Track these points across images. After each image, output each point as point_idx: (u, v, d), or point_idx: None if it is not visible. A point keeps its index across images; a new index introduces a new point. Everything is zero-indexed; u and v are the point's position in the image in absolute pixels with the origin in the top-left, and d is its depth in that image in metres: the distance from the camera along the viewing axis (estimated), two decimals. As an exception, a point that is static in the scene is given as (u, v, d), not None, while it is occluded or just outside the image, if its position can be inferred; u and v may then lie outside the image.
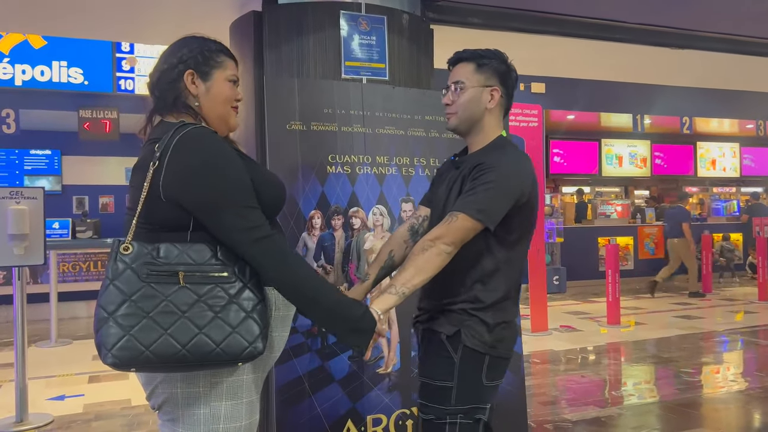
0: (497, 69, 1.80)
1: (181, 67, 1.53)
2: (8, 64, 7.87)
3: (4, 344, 6.35)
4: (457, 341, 1.72)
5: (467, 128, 1.82)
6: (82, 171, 9.75)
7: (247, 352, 1.41)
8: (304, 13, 2.84)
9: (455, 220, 1.65)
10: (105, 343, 1.34)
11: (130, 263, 1.38)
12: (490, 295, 1.74)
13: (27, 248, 4.02)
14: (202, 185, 1.41)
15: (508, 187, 1.69)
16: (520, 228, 1.76)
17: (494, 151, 1.77)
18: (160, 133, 1.48)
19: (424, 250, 1.64)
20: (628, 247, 10.76)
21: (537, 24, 3.75)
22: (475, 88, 1.78)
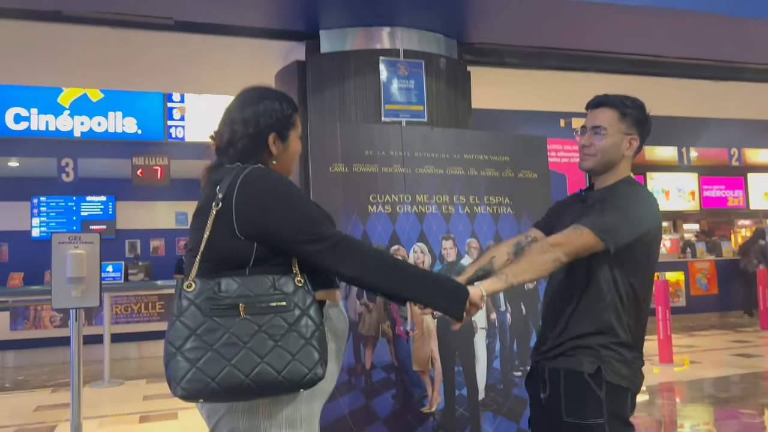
0: (638, 118, 1.86)
1: (266, 131, 1.62)
2: (68, 117, 8.34)
3: (60, 385, 6.55)
4: (599, 378, 1.74)
5: (601, 171, 1.88)
6: (135, 216, 10.14)
7: (308, 379, 1.47)
8: (345, 60, 2.97)
9: (579, 233, 1.69)
10: (175, 377, 1.42)
11: (194, 299, 1.46)
12: (625, 328, 1.76)
13: (84, 291, 4.19)
14: (279, 211, 1.51)
15: (636, 216, 1.75)
16: (644, 261, 1.80)
17: (624, 186, 1.84)
18: (220, 176, 1.57)
19: (543, 252, 1.70)
20: (678, 282, 10.44)
21: (573, 62, 3.80)
22: (617, 135, 1.84)
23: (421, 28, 3.05)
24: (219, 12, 2.86)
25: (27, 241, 9.60)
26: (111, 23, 2.88)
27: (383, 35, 2.99)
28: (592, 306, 1.77)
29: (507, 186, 2.97)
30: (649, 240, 1.77)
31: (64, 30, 3.00)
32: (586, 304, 1.77)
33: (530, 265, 1.69)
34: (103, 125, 8.47)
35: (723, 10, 3.07)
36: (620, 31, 3.35)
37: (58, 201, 9.87)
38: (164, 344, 1.46)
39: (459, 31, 3.19)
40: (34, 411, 5.41)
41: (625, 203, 1.75)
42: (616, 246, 1.69)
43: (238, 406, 1.51)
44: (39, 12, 2.83)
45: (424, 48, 3.05)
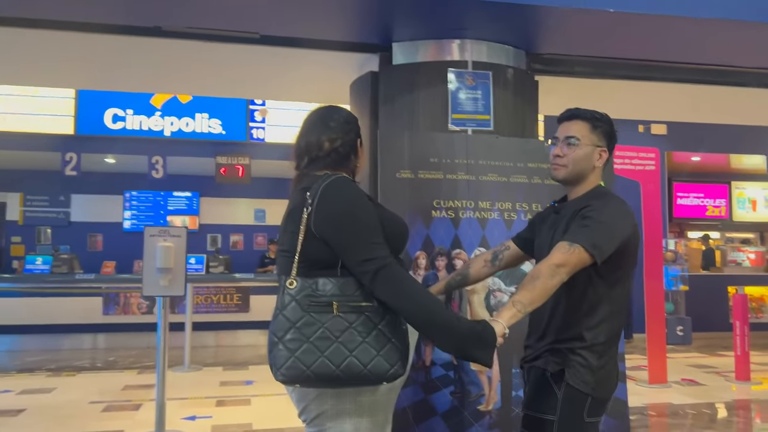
0: (607, 132, 1.95)
1: (355, 137, 1.85)
2: (159, 118, 8.92)
3: (145, 367, 7.03)
4: (560, 379, 1.81)
5: (573, 181, 1.96)
6: (217, 211, 10.68)
7: (390, 374, 1.64)
8: (416, 71, 3.12)
9: (575, 251, 1.74)
10: (276, 364, 1.63)
11: (295, 296, 1.64)
12: (594, 334, 1.82)
13: (171, 281, 4.53)
14: (342, 225, 1.67)
15: (615, 228, 1.81)
16: (622, 268, 1.86)
17: (598, 197, 1.90)
18: (309, 183, 1.76)
19: (552, 276, 1.72)
20: (763, 298, 9.95)
21: (645, 71, 3.79)
22: (588, 147, 1.93)
23: (490, 40, 3.15)
24: (300, 27, 3.07)
25: (119, 232, 10.30)
26: (204, 37, 3.16)
27: (453, 47, 3.11)
28: (568, 313, 1.83)
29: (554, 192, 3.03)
30: (624, 249, 1.81)
31: (161, 43, 3.30)
32: (562, 311, 1.84)
33: (543, 290, 1.71)
34: (190, 126, 9.00)
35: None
36: (687, 41, 3.32)
37: (147, 196, 10.53)
38: (268, 334, 1.65)
39: (528, 43, 3.27)
40: (122, 390, 5.83)
41: (607, 218, 1.79)
42: (602, 259, 1.75)
43: (327, 392, 1.69)
44: (141, 28, 3.13)
45: (493, 59, 3.16)
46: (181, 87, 4.89)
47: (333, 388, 1.68)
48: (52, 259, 8.58)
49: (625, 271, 1.89)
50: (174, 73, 3.92)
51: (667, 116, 7.47)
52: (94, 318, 8.43)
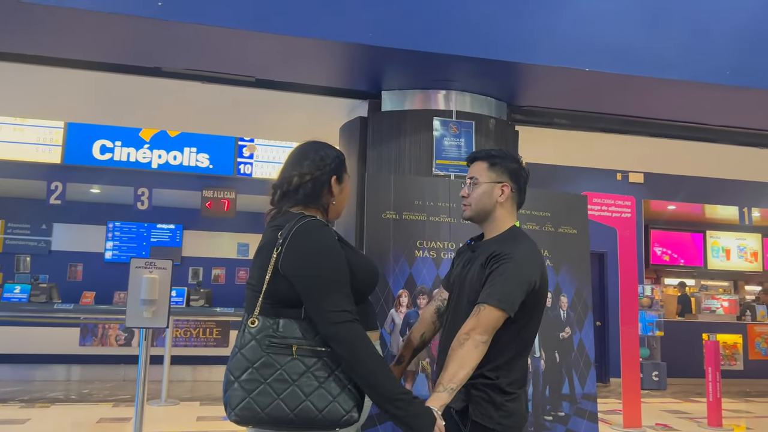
0: (508, 167, 2.03)
1: (329, 173, 1.85)
2: (148, 150, 9.02)
3: (121, 400, 6.96)
4: (465, 416, 1.85)
5: (481, 218, 2.04)
6: (199, 244, 10.69)
7: (344, 420, 1.65)
8: (403, 118, 3.28)
9: (483, 310, 1.81)
10: (230, 403, 1.64)
11: (255, 335, 1.65)
12: (500, 374, 1.86)
13: (154, 312, 4.58)
14: (308, 272, 1.68)
15: (522, 275, 1.86)
16: (529, 311, 1.91)
17: (508, 242, 1.95)
18: (283, 221, 1.77)
19: (461, 345, 1.78)
20: (736, 345, 10.14)
21: (622, 125, 3.97)
22: (487, 184, 2.00)
23: (474, 92, 3.33)
24: (295, 73, 3.23)
25: (100, 263, 10.26)
26: (201, 79, 3.30)
27: (439, 98, 3.29)
28: None
29: (547, 239, 3.18)
30: (532, 293, 1.87)
31: (158, 82, 3.43)
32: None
33: (459, 364, 1.75)
34: (178, 159, 9.10)
35: (762, 85, 3.24)
36: (662, 100, 3.52)
37: (131, 227, 10.54)
38: (225, 372, 1.67)
39: (509, 95, 3.45)
40: (97, 423, 5.77)
41: (511, 267, 1.85)
42: (514, 310, 1.82)
43: None
44: (141, 68, 3.27)
45: (476, 109, 3.33)
46: (174, 124, 5.02)
47: (283, 431, 1.66)
48: (30, 287, 8.51)
49: (534, 314, 1.93)
50: (168, 110, 4.05)
51: (643, 167, 7.74)
52: (70, 349, 8.34)
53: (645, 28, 3.14)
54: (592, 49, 3.06)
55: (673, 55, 3.17)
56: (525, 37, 2.96)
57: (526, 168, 2.09)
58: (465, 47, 2.88)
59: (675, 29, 3.18)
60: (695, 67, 3.19)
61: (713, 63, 3.19)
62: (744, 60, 3.24)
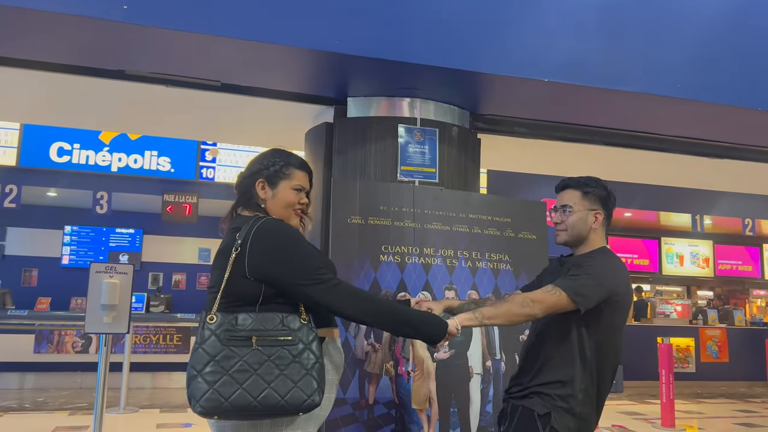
0: (599, 195, 2.17)
1: (255, 176, 1.95)
2: (108, 153, 8.85)
3: (78, 408, 6.80)
4: (546, 421, 1.95)
5: (575, 243, 2.16)
6: (160, 249, 10.52)
7: (306, 404, 1.72)
8: (369, 125, 3.33)
9: (555, 294, 1.94)
10: (194, 396, 1.68)
11: (215, 330, 1.72)
12: (581, 384, 1.97)
13: (115, 318, 4.52)
14: (284, 261, 1.79)
15: (605, 279, 1.99)
16: (609, 323, 2.02)
17: (597, 254, 2.10)
18: (239, 224, 1.87)
19: (523, 306, 1.94)
20: (689, 348, 10.47)
21: (580, 134, 4.10)
22: (582, 212, 2.14)
23: (438, 100, 3.39)
24: (261, 78, 3.24)
25: (56, 268, 10.00)
26: (165, 82, 3.28)
27: (403, 105, 3.34)
28: (558, 360, 1.99)
29: (507, 245, 3.27)
30: (614, 305, 2.00)
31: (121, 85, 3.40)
32: (553, 357, 2.00)
33: (506, 313, 1.92)
34: (139, 162, 8.95)
35: (709, 99, 3.40)
36: (617, 111, 3.66)
37: (88, 231, 10.31)
38: (187, 368, 1.72)
39: (471, 104, 3.53)
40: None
41: (596, 270, 1.99)
42: (585, 307, 1.93)
43: (243, 425, 1.74)
44: (104, 70, 3.24)
45: (440, 117, 3.40)
46: (136, 127, 4.96)
47: (250, 419, 1.73)
48: (-19, 293, 8.26)
49: (614, 326, 2.04)
50: (131, 113, 4.00)
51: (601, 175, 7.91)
52: (24, 356, 8.11)
53: (601, 42, 3.26)
54: (551, 61, 3.16)
55: (627, 68, 3.30)
56: (487, 48, 3.04)
57: (613, 193, 2.23)
58: (430, 57, 2.94)
59: (629, 44, 3.31)
60: (648, 80, 3.32)
61: (665, 77, 3.33)
62: (694, 74, 3.39)
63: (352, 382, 2.86)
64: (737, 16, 3.52)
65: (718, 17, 3.48)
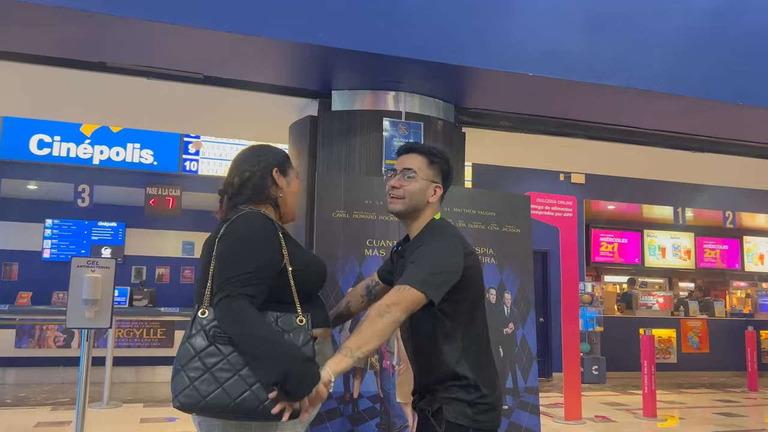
0: (443, 168, 1.96)
1: (270, 166, 1.88)
2: (89, 145, 8.74)
3: (60, 403, 6.74)
4: (440, 417, 1.85)
5: (408, 215, 1.96)
6: (143, 243, 10.43)
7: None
8: (353, 118, 3.31)
9: (405, 290, 1.75)
10: (175, 390, 1.65)
11: (205, 325, 1.66)
12: (460, 370, 1.85)
13: (97, 313, 4.47)
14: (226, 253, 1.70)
15: (446, 262, 1.82)
16: (467, 300, 1.89)
17: (427, 235, 1.91)
18: (232, 215, 1.81)
19: (381, 316, 1.70)
20: (670, 340, 10.62)
21: (564, 128, 4.12)
22: (424, 181, 1.93)
23: (422, 93, 3.39)
24: (244, 71, 3.21)
25: (37, 262, 9.88)
26: (147, 75, 3.24)
27: (388, 98, 3.33)
28: (435, 355, 1.89)
29: (491, 238, 3.28)
30: (462, 281, 1.84)
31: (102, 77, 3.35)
32: (429, 355, 1.90)
33: (372, 333, 1.69)
34: (121, 155, 8.86)
35: (693, 93, 3.42)
36: (601, 105, 3.68)
37: (70, 225, 10.19)
38: (174, 362, 1.67)
39: (456, 98, 3.53)
40: (34, 427, 5.58)
41: (435, 255, 1.81)
42: (438, 295, 1.77)
43: (231, 424, 1.68)
44: (85, 62, 3.19)
45: (424, 111, 3.39)
46: (118, 120, 4.89)
47: (228, 420, 1.67)
48: (-39, 288, 8.14)
49: (471, 303, 1.90)
50: (112, 105, 3.95)
51: (584, 168, 8.00)
52: (4, 351, 8.02)
53: (585, 36, 3.27)
54: (535, 55, 3.17)
55: (610, 62, 3.31)
56: (472, 42, 3.04)
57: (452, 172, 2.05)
58: (414, 50, 2.93)
59: (613, 39, 3.33)
60: (631, 74, 3.34)
61: (648, 71, 3.35)
62: (677, 69, 3.41)
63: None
64: (721, 12, 3.55)
65: (702, 12, 3.51)
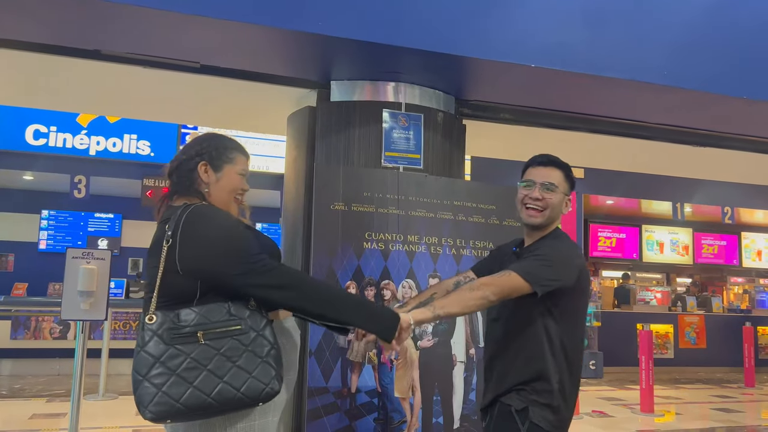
0: (573, 182, 2.08)
1: (197, 159, 1.81)
2: (85, 136, 8.67)
3: (55, 395, 6.71)
4: (524, 416, 1.90)
5: (545, 226, 2.04)
6: (139, 234, 10.35)
7: (266, 393, 1.64)
8: (352, 109, 3.26)
9: (507, 276, 1.85)
10: (142, 402, 1.58)
11: (156, 330, 1.61)
12: (554, 375, 1.91)
13: (92, 304, 4.42)
14: (219, 253, 1.66)
15: (560, 262, 1.90)
16: (572, 310, 1.96)
17: (549, 239, 2.01)
18: (169, 215, 1.74)
19: (473, 289, 1.84)
20: (668, 335, 10.61)
21: (565, 121, 4.07)
22: (563, 195, 2.04)
23: (423, 85, 3.34)
24: (242, 60, 3.15)
25: (33, 253, 9.82)
26: (143, 63, 3.18)
27: (388, 89, 3.28)
28: (528, 356, 1.93)
29: (491, 232, 3.24)
30: (573, 287, 1.92)
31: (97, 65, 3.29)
32: (524, 350, 1.94)
33: (458, 299, 1.82)
34: (118, 146, 8.79)
35: (696, 86, 3.38)
36: (603, 98, 3.63)
37: (66, 216, 10.12)
38: (132, 373, 1.61)
39: (457, 89, 3.48)
40: (30, 419, 5.56)
41: (548, 252, 1.91)
42: (542, 289, 1.84)
43: (194, 425, 1.65)
44: (79, 50, 3.13)
45: (425, 103, 3.34)
46: (113, 109, 4.83)
47: (209, 417, 1.64)
48: (-44, 279, 8.09)
49: (577, 313, 1.97)
50: (108, 95, 3.89)
51: (583, 162, 7.94)
52: (0, 342, 7.97)
53: (588, 28, 3.22)
54: (537, 47, 3.12)
55: (613, 54, 3.26)
56: (474, 32, 2.99)
57: None
58: (415, 40, 2.88)
59: (616, 31, 3.28)
60: (634, 67, 3.29)
61: (651, 64, 3.30)
62: (679, 62, 3.37)
63: (334, 370, 2.82)
64: (725, 3, 3.50)
65: (706, 4, 3.46)
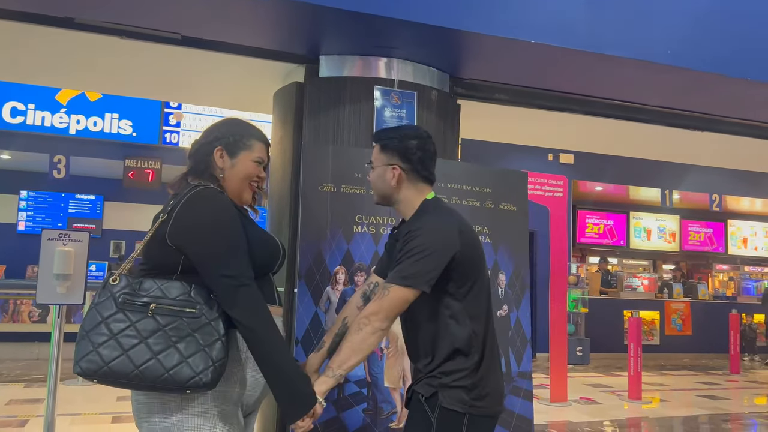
0: (396, 148, 1.90)
1: (215, 143, 1.82)
2: (65, 114, 8.41)
3: (34, 380, 6.55)
4: (434, 402, 1.77)
5: (387, 202, 1.95)
6: (121, 217, 10.15)
7: (193, 382, 1.57)
8: (342, 86, 3.11)
9: (388, 293, 1.73)
10: (77, 355, 1.59)
11: (115, 293, 1.61)
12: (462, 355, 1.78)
13: (69, 288, 4.25)
14: (204, 239, 1.65)
15: (433, 248, 1.75)
16: (465, 278, 1.81)
17: (417, 219, 1.86)
18: (182, 191, 1.73)
19: (359, 330, 1.72)
20: (654, 321, 10.62)
21: (561, 102, 3.96)
22: (379, 167, 1.92)
23: (416, 61, 3.19)
24: (225, 31, 2.98)
25: (12, 234, 9.58)
26: (121, 33, 3.00)
27: (380, 65, 3.13)
28: (432, 339, 1.82)
29: (487, 216, 3.11)
30: (458, 257, 1.78)
31: (72, 35, 3.10)
32: (427, 338, 1.83)
33: (351, 348, 1.71)
34: (98, 125, 8.55)
35: (700, 67, 3.26)
36: (603, 78, 3.52)
37: (46, 197, 9.87)
38: (79, 328, 1.62)
39: (452, 67, 3.34)
40: (6, 404, 5.43)
41: (418, 242, 1.76)
42: (428, 284, 1.73)
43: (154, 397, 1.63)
44: (51, 17, 2.94)
45: (418, 80, 3.19)
46: (89, 84, 4.63)
47: (132, 389, 1.64)
48: (-69, 260, 7.85)
49: (472, 280, 1.83)
50: (84, 68, 3.69)
51: (575, 146, 7.86)
52: (-24, 326, 7.78)
53: (592, 4, 3.09)
54: (537, 22, 2.99)
55: (615, 32, 3.14)
56: (473, 5, 2.84)
57: (418, 140, 1.92)
58: (408, 11, 2.73)
59: (621, 8, 3.15)
60: (637, 45, 3.17)
61: (655, 42, 3.18)
62: (684, 42, 3.25)
63: (321, 359, 2.69)
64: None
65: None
